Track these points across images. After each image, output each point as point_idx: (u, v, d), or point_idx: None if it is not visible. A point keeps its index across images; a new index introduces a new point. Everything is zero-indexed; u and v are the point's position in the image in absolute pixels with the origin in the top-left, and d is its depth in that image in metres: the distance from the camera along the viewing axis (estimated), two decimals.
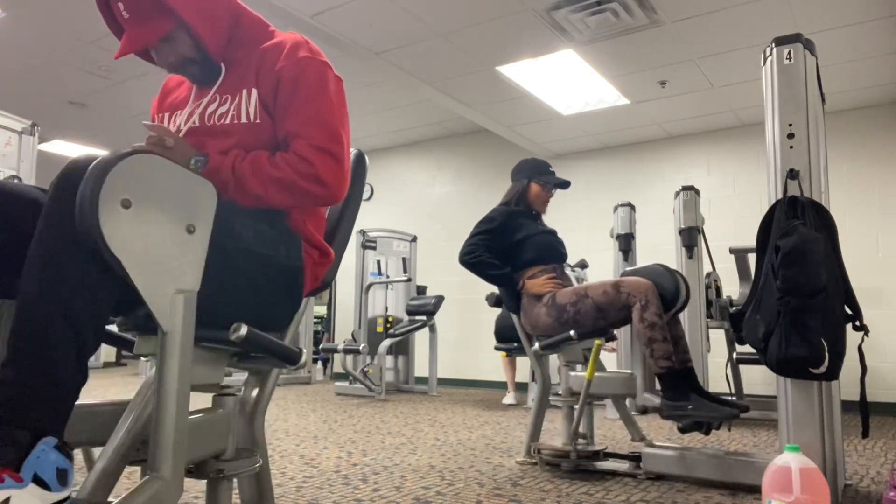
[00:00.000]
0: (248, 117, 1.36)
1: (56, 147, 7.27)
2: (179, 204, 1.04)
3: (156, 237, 1.00)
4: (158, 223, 1.00)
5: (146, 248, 0.99)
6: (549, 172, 2.98)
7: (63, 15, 4.37)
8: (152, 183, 1.01)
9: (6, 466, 0.90)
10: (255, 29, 1.46)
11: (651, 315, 2.36)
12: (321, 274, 1.45)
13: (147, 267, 0.99)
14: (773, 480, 1.65)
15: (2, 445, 0.92)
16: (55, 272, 0.98)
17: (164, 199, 1.02)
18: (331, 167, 1.33)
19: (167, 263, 1.02)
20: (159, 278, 1.00)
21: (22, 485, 0.91)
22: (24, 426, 0.94)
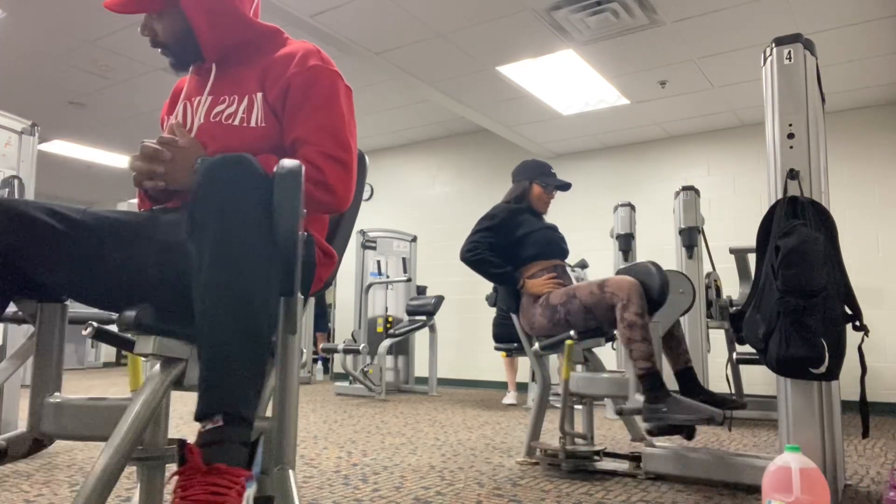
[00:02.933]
0: (255, 121, 1.36)
1: (56, 147, 7.27)
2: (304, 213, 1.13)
3: (301, 244, 1.10)
4: (302, 231, 1.10)
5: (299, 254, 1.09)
6: (551, 174, 2.98)
7: (63, 15, 4.37)
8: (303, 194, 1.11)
9: (242, 467, 0.94)
10: (267, 35, 1.46)
11: (630, 315, 2.33)
12: (325, 275, 1.46)
13: (297, 273, 1.09)
14: (773, 480, 1.65)
15: (235, 446, 0.95)
16: (263, 269, 1.03)
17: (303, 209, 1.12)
18: (339, 175, 1.33)
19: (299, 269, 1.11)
20: (298, 283, 1.10)
21: (252, 483, 0.95)
22: (248, 424, 0.98)
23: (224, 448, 0.93)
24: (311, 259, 1.34)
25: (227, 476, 0.90)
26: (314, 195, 1.31)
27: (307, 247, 1.32)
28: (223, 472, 0.90)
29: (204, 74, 1.44)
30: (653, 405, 2.24)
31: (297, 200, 1.04)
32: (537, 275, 2.75)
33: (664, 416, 2.19)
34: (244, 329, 0.99)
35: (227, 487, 0.89)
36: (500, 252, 2.80)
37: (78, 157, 7.64)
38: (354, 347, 5.42)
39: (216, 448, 0.93)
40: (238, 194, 1.03)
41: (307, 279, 1.35)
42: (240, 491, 0.90)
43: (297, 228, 1.04)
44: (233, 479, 0.90)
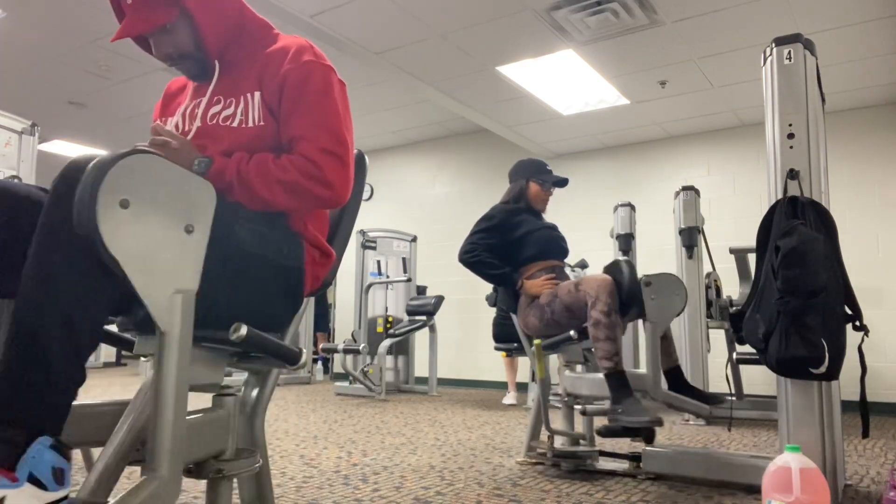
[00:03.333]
0: (254, 121, 1.36)
1: (56, 147, 7.27)
2: (178, 204, 1.03)
3: (154, 237, 1.00)
4: (157, 223, 1.00)
5: (144, 248, 0.98)
6: (547, 171, 2.98)
7: (63, 15, 4.37)
8: (151, 183, 1.00)
9: (1, 466, 0.90)
10: (259, 31, 1.46)
11: (596, 312, 2.32)
12: (322, 274, 1.45)
13: (145, 267, 0.98)
14: (773, 480, 1.65)
15: (1, 444, 0.92)
16: (52, 272, 0.98)
17: (163, 199, 1.02)
18: (337, 169, 1.33)
19: (165, 263, 1.01)
20: (157, 278, 1.00)
21: (17, 484, 0.90)
22: (19, 425, 0.94)
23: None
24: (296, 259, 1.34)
25: None
26: (314, 191, 1.31)
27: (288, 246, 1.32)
28: None
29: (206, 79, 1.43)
30: (612, 405, 2.23)
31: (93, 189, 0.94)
32: (536, 275, 2.75)
33: (617, 417, 2.19)
34: (27, 335, 0.97)
35: None
36: (498, 253, 2.80)
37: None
38: (354, 347, 5.42)
39: None
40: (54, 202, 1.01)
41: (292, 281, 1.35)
42: None
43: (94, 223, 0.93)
44: None
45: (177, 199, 1.03)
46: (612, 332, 2.29)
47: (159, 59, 1.40)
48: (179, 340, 1.03)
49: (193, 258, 1.06)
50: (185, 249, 1.04)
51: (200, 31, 1.35)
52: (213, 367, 1.24)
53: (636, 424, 2.15)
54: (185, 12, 1.34)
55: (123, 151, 0.99)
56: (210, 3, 1.36)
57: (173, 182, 1.04)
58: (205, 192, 1.09)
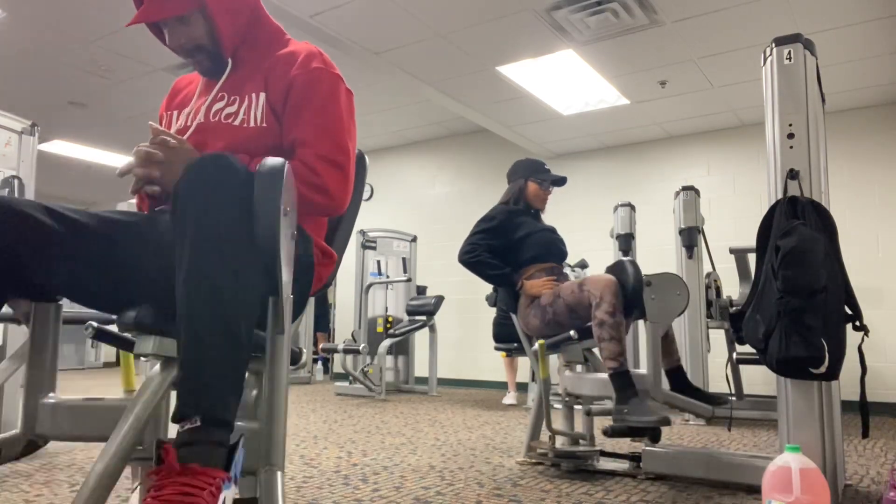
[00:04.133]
0: (255, 121, 1.36)
1: (56, 147, 7.27)
2: (293, 212, 1.13)
3: (288, 243, 1.09)
4: (290, 231, 1.10)
5: (286, 253, 1.08)
6: (545, 170, 2.99)
7: (63, 15, 4.37)
8: (291, 192, 1.11)
9: (220, 468, 0.93)
10: (272, 34, 1.47)
11: (601, 313, 2.32)
12: (325, 275, 1.46)
13: (287, 271, 1.09)
14: (773, 480, 1.65)
15: (212, 447, 0.95)
16: (241, 273, 1.02)
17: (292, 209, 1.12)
18: (336, 178, 1.33)
19: (286, 268, 1.10)
20: (286, 283, 1.09)
21: (230, 485, 0.94)
22: (225, 426, 0.98)
23: (200, 449, 0.93)
24: (309, 259, 1.34)
25: (200, 477, 0.90)
26: (310, 198, 1.31)
27: (303, 246, 1.32)
28: (197, 472, 0.90)
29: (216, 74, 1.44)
30: (617, 405, 2.24)
31: (276, 198, 1.03)
32: (536, 276, 2.75)
33: (623, 417, 2.19)
34: (221, 330, 0.99)
35: (200, 488, 0.88)
36: (498, 254, 2.80)
37: (78, 157, 7.64)
38: (354, 347, 5.42)
39: (192, 449, 0.93)
40: (216, 192, 1.03)
41: (305, 279, 1.35)
42: (213, 492, 0.89)
43: (277, 226, 1.03)
44: (206, 480, 0.90)
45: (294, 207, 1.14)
46: (616, 332, 2.30)
47: (172, 49, 1.40)
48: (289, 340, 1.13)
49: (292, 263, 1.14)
50: (291, 255, 1.13)
51: (216, 25, 1.36)
52: None
53: (643, 424, 2.15)
54: (202, 5, 1.34)
55: (279, 161, 1.08)
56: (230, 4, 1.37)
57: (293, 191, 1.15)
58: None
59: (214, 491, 0.89)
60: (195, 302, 0.99)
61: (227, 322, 0.99)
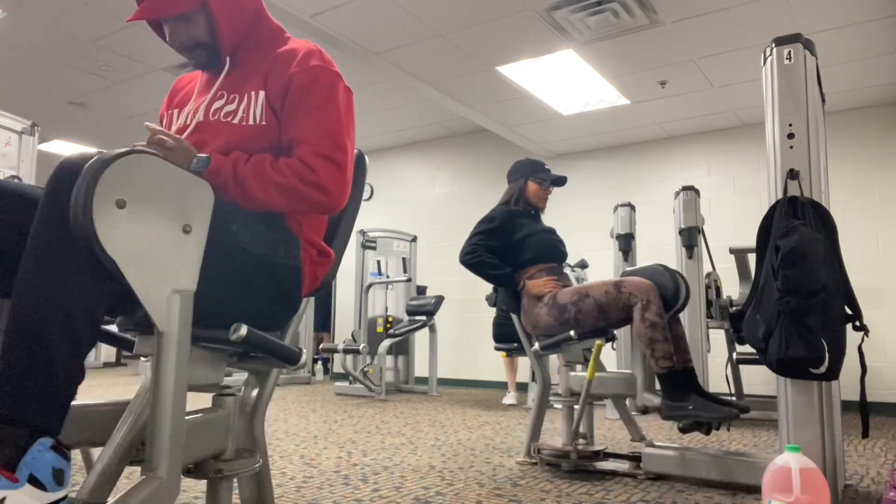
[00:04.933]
0: (254, 119, 1.36)
1: (56, 147, 7.27)
2: (175, 204, 1.03)
3: (151, 237, 0.99)
4: (154, 223, 1.00)
5: (141, 248, 0.98)
6: (545, 170, 2.99)
7: (63, 15, 4.37)
8: (147, 183, 1.00)
9: (1, 466, 0.90)
10: (273, 34, 1.47)
11: (652, 315, 2.36)
12: (320, 274, 1.45)
13: (142, 267, 0.98)
14: (773, 480, 1.65)
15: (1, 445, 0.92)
16: (50, 271, 0.98)
17: (160, 199, 1.01)
18: (333, 175, 1.33)
19: (163, 263, 1.01)
20: (155, 278, 1.00)
21: (17, 485, 0.90)
22: (20, 425, 0.94)
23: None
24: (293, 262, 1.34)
25: None
26: (308, 195, 1.31)
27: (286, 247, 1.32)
28: None
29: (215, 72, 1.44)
30: (678, 403, 2.28)
31: (90, 188, 0.93)
32: (536, 276, 2.75)
33: (690, 413, 2.24)
34: (27, 334, 0.96)
35: None
36: (498, 255, 2.80)
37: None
38: (354, 347, 5.42)
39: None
40: (47, 196, 1.00)
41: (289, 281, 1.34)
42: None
43: (88, 218, 0.93)
44: None
45: (174, 199, 1.03)
46: (668, 332, 2.36)
47: (172, 45, 1.41)
48: (178, 340, 1.03)
49: (191, 258, 1.05)
50: (183, 249, 1.04)
51: (217, 23, 1.36)
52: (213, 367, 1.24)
53: (717, 419, 2.20)
54: (204, 3, 1.35)
55: (119, 151, 0.98)
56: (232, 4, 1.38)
57: (170, 181, 1.03)
58: (202, 191, 1.08)
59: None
60: (14, 306, 0.98)
61: (34, 325, 0.96)
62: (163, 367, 1.02)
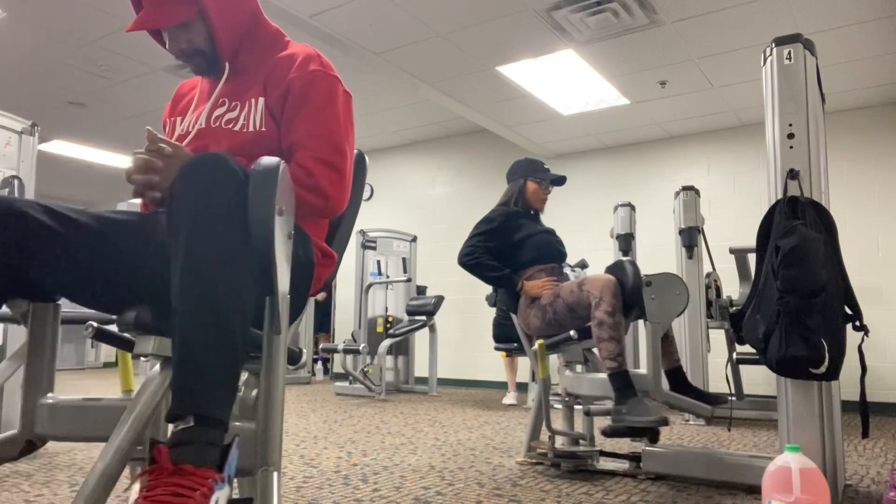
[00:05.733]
0: (254, 126, 1.36)
1: (56, 147, 7.27)
2: (292, 211, 1.13)
3: (283, 242, 1.08)
4: (285, 230, 1.09)
5: (281, 252, 1.07)
6: (544, 170, 2.99)
7: (63, 15, 4.37)
8: (288, 192, 1.11)
9: (213, 468, 0.92)
10: (271, 37, 1.47)
11: (600, 313, 2.32)
12: (324, 275, 1.46)
13: (282, 270, 1.08)
14: (773, 480, 1.65)
15: (206, 447, 0.94)
16: (234, 272, 1.01)
17: (289, 208, 1.11)
18: (333, 180, 1.33)
19: (283, 267, 1.10)
20: (283, 281, 1.09)
21: (223, 485, 0.93)
22: (220, 425, 0.97)
23: (192, 449, 0.93)
24: (309, 259, 1.34)
25: (192, 477, 0.89)
26: (307, 200, 1.31)
27: (303, 246, 1.32)
28: (189, 473, 0.89)
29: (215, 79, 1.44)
30: (616, 405, 2.24)
31: (270, 197, 1.03)
32: (535, 276, 2.75)
33: (622, 417, 2.19)
34: (215, 329, 0.98)
35: (192, 489, 0.88)
36: (498, 256, 2.80)
37: (78, 157, 7.64)
38: (354, 347, 5.42)
39: (184, 449, 0.92)
40: (211, 191, 1.03)
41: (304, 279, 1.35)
42: (205, 493, 0.88)
43: (271, 226, 1.02)
44: (198, 481, 0.89)
45: (289, 208, 1.13)
46: (615, 332, 2.30)
47: (172, 53, 1.41)
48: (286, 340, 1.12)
49: (289, 263, 1.14)
50: (288, 254, 1.12)
51: (215, 30, 1.37)
52: None
53: (642, 424, 2.15)
54: (202, 11, 1.35)
55: (274, 159, 1.08)
56: (227, 4, 1.38)
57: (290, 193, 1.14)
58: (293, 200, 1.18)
59: (206, 491, 0.88)
60: (189, 300, 0.99)
61: (220, 321, 0.98)
62: (276, 366, 1.08)
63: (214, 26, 1.36)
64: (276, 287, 1.06)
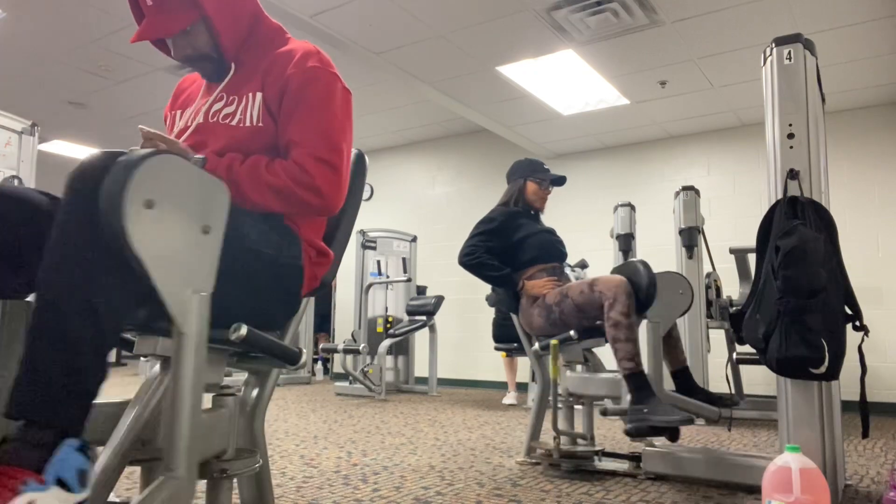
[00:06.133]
0: (251, 120, 1.36)
1: (56, 147, 7.27)
2: (197, 205, 1.05)
3: (175, 237, 1.01)
4: (178, 223, 1.01)
5: (166, 248, 0.99)
6: (544, 170, 2.99)
7: (63, 15, 4.37)
8: (173, 183, 1.02)
9: (29, 469, 0.90)
10: (272, 35, 1.47)
11: (615, 314, 2.31)
12: (320, 274, 1.45)
13: (166, 267, 1.00)
14: (773, 480, 1.64)
15: (26, 448, 0.92)
16: (76, 269, 0.98)
17: (184, 200, 1.03)
18: (328, 178, 1.33)
19: (185, 264, 1.03)
20: (178, 279, 1.02)
21: (44, 487, 0.90)
22: (47, 426, 0.94)
23: (13, 447, 0.91)
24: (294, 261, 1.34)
25: (2, 476, 0.88)
26: (303, 198, 1.30)
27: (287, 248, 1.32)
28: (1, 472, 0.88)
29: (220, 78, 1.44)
30: (635, 406, 2.22)
31: (122, 188, 0.95)
32: (536, 276, 2.75)
33: (644, 417, 2.16)
34: (50, 328, 0.96)
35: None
36: (498, 255, 2.80)
37: (78, 157, 7.63)
38: (354, 347, 5.42)
39: (4, 447, 0.92)
40: (73, 192, 1.01)
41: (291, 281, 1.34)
42: (13, 491, 0.87)
43: (120, 218, 0.94)
44: (5, 480, 0.88)
45: (196, 200, 1.05)
46: (632, 333, 2.29)
47: (177, 59, 1.41)
48: (196, 341, 1.04)
49: (210, 259, 1.07)
50: (203, 250, 1.06)
51: (217, 33, 1.36)
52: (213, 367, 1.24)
53: (668, 424, 2.12)
54: (203, 15, 1.35)
55: (147, 151, 1.00)
56: (227, 6, 1.38)
57: (192, 182, 1.05)
58: (220, 192, 1.10)
59: (12, 490, 0.87)
60: (38, 307, 0.98)
61: (57, 320, 0.96)
62: (182, 367, 1.03)
63: (216, 30, 1.36)
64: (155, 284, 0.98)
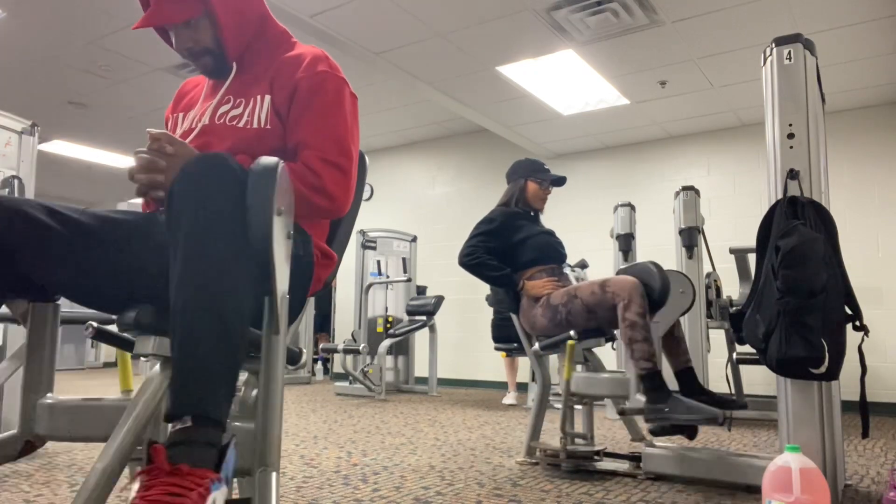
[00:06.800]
0: (259, 123, 1.36)
1: (56, 147, 7.27)
2: (291, 211, 1.12)
3: (283, 242, 1.09)
4: (283, 229, 1.09)
5: (282, 252, 1.07)
6: (545, 170, 2.99)
7: (63, 15, 4.37)
8: (287, 192, 1.11)
9: (210, 468, 0.92)
10: (278, 38, 1.48)
11: (632, 314, 2.32)
12: (323, 276, 1.46)
13: (280, 271, 1.07)
14: (773, 480, 1.65)
15: (200, 447, 0.94)
16: (229, 273, 1.01)
17: (289, 208, 1.11)
18: (338, 180, 1.34)
19: (282, 267, 1.10)
20: (282, 282, 1.09)
21: (220, 485, 0.93)
22: (218, 424, 0.97)
23: (190, 449, 0.92)
24: (309, 259, 1.34)
25: (189, 477, 0.89)
26: (312, 200, 1.31)
27: (303, 246, 1.32)
28: (185, 473, 0.89)
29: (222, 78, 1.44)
30: (655, 405, 2.23)
31: (269, 197, 1.03)
32: (536, 277, 2.75)
33: (666, 415, 2.18)
34: (213, 328, 0.98)
35: (188, 489, 0.87)
36: (498, 256, 2.80)
37: (78, 157, 7.64)
38: (354, 347, 5.42)
39: (182, 449, 0.92)
40: (210, 191, 1.03)
41: (303, 279, 1.35)
42: (202, 493, 0.88)
43: (270, 225, 1.02)
44: (195, 481, 0.89)
45: (291, 207, 1.13)
46: (648, 333, 2.31)
47: (178, 52, 1.41)
48: (285, 341, 1.12)
49: (288, 263, 1.14)
50: (287, 254, 1.12)
51: (222, 29, 1.37)
52: None
53: (691, 422, 2.14)
54: (209, 9, 1.35)
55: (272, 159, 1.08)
56: (234, 4, 1.38)
57: (290, 192, 1.14)
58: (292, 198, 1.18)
59: (203, 492, 0.88)
60: (188, 300, 0.99)
61: (219, 321, 0.99)
62: (275, 366, 1.08)
63: (221, 25, 1.36)
64: (274, 287, 1.06)
